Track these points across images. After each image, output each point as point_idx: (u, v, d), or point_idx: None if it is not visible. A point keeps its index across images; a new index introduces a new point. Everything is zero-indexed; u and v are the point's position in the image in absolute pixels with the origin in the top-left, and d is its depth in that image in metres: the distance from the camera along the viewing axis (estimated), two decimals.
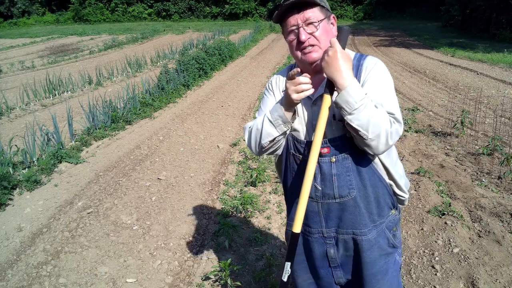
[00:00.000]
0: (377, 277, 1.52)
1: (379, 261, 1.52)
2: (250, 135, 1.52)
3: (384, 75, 1.41)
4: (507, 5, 17.55)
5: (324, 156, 1.44)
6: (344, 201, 1.46)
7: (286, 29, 1.43)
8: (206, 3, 36.21)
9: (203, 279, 2.81)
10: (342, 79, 1.28)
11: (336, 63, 1.29)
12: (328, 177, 1.45)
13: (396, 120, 1.32)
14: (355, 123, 1.27)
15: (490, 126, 5.89)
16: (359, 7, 33.68)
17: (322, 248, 1.56)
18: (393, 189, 1.53)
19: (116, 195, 4.06)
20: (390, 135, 1.29)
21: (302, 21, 1.38)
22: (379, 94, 1.35)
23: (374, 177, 1.46)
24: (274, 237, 3.36)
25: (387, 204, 1.53)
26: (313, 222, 1.54)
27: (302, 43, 1.39)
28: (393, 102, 1.37)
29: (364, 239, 1.49)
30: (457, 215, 3.37)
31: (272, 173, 4.59)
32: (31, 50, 18.69)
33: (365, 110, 1.26)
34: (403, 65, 12.16)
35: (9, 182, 4.03)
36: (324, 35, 1.40)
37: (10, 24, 36.09)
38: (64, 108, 7.23)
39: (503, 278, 2.66)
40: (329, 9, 1.45)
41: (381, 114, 1.28)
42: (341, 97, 1.28)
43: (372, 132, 1.27)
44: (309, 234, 1.57)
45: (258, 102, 7.85)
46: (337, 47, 1.30)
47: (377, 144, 1.30)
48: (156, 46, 17.02)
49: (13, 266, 2.97)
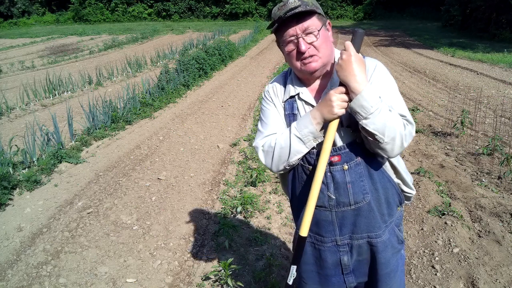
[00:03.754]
0: (390, 275, 1.53)
1: (392, 259, 1.52)
2: (271, 154, 1.44)
3: (387, 77, 1.40)
4: (507, 5, 17.54)
5: (335, 165, 1.41)
6: (359, 206, 1.44)
7: (285, 39, 1.39)
8: (206, 3, 36.18)
9: (203, 279, 2.81)
10: (357, 83, 1.26)
11: (350, 67, 1.27)
12: (342, 186, 1.42)
13: (408, 122, 1.33)
14: (371, 127, 1.25)
15: (490, 126, 5.89)
16: (359, 7, 33.67)
17: (335, 256, 1.53)
18: (400, 187, 1.54)
19: (116, 195, 4.06)
20: (404, 137, 1.30)
21: (301, 31, 1.36)
22: (388, 97, 1.34)
23: (384, 179, 1.46)
24: (274, 237, 3.36)
25: (396, 203, 1.54)
26: (326, 231, 1.50)
27: (302, 53, 1.36)
28: (402, 104, 1.37)
29: (379, 241, 1.48)
30: (457, 215, 3.37)
31: (272, 173, 4.59)
32: (31, 50, 18.68)
33: (380, 114, 1.25)
34: (403, 65, 12.16)
35: (9, 182, 4.03)
36: (324, 44, 1.38)
37: (10, 24, 36.08)
38: (64, 108, 7.23)
39: (503, 278, 2.66)
40: (324, 16, 1.43)
41: (395, 118, 1.28)
42: (356, 102, 1.26)
43: (388, 136, 1.26)
44: (321, 244, 1.53)
45: (258, 102, 7.85)
46: (351, 50, 1.29)
47: (393, 147, 1.29)
48: (156, 46, 17.01)
49: (13, 266, 2.97)
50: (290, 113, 1.49)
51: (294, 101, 1.49)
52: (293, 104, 1.49)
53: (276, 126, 1.50)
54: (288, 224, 3.58)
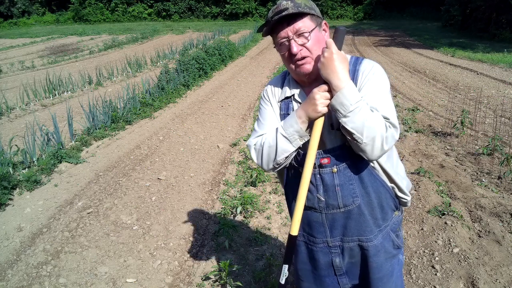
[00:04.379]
0: (383, 280, 1.52)
1: (385, 264, 1.51)
2: (260, 153, 1.45)
3: (380, 79, 1.38)
4: (507, 5, 17.55)
5: (324, 167, 1.41)
6: (349, 209, 1.44)
7: (277, 41, 1.39)
8: (206, 3, 36.19)
9: (203, 279, 2.81)
10: (338, 80, 1.26)
11: (332, 64, 1.27)
12: (331, 188, 1.42)
13: (392, 125, 1.29)
14: (350, 125, 1.25)
15: (490, 126, 5.89)
16: (359, 7, 33.67)
17: (327, 257, 1.54)
18: (395, 192, 1.52)
19: (116, 195, 4.06)
20: (385, 139, 1.26)
21: (293, 32, 1.35)
22: (374, 98, 1.32)
23: (376, 183, 1.45)
24: (274, 237, 3.36)
25: (391, 208, 1.52)
26: (318, 232, 1.51)
27: (294, 55, 1.36)
28: (389, 106, 1.33)
29: (371, 245, 1.47)
30: (457, 215, 3.37)
31: (272, 173, 4.59)
32: (31, 50, 18.69)
33: (360, 113, 1.23)
34: (403, 65, 12.16)
35: (9, 182, 4.03)
36: (316, 45, 1.37)
37: (10, 24, 36.09)
38: (64, 108, 7.23)
39: (503, 278, 2.66)
40: (320, 16, 1.41)
41: (377, 118, 1.26)
42: (336, 99, 1.26)
43: (366, 136, 1.24)
44: (313, 244, 1.54)
45: (258, 102, 7.85)
46: (333, 48, 1.28)
47: (372, 149, 1.27)
48: (156, 46, 17.02)
49: (13, 266, 2.97)
50: (285, 113, 1.49)
51: (290, 102, 1.50)
52: (289, 105, 1.50)
53: (271, 126, 1.49)
54: (288, 224, 3.58)
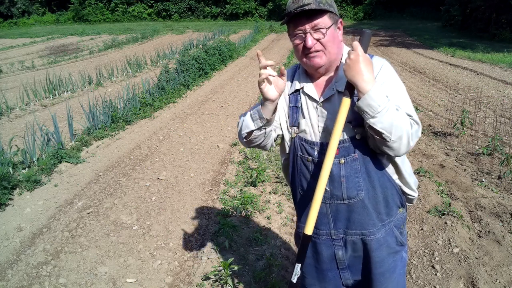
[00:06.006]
0: (385, 275, 1.53)
1: (387, 259, 1.53)
2: (238, 126, 1.56)
3: (394, 77, 1.42)
4: (507, 5, 17.55)
5: None
6: (352, 202, 1.46)
7: (293, 32, 1.42)
8: (206, 3, 36.19)
9: (203, 279, 2.81)
10: (364, 82, 1.27)
11: (358, 66, 1.28)
12: (337, 179, 1.45)
13: (415, 122, 1.34)
14: (379, 126, 1.27)
15: (490, 126, 5.89)
16: (359, 7, 33.64)
17: (330, 250, 1.56)
18: (402, 189, 1.55)
19: (116, 195, 4.06)
20: (411, 136, 1.31)
21: (310, 27, 1.37)
22: (396, 97, 1.36)
23: (383, 178, 1.47)
24: (274, 237, 3.36)
25: (396, 204, 1.54)
26: (321, 224, 1.53)
27: (308, 48, 1.38)
28: (409, 104, 1.39)
29: (373, 239, 1.49)
30: (457, 215, 3.37)
31: (272, 173, 4.59)
32: (31, 50, 18.68)
33: (387, 113, 1.26)
34: (403, 65, 12.16)
35: (9, 182, 4.03)
36: (331, 42, 1.40)
37: (10, 24, 36.08)
38: (64, 108, 7.23)
39: (503, 278, 2.66)
40: (337, 14, 1.44)
41: (402, 117, 1.29)
42: (364, 101, 1.27)
43: (395, 135, 1.28)
44: (317, 236, 1.56)
45: (258, 102, 7.84)
46: (359, 50, 1.30)
47: (399, 146, 1.31)
48: (156, 46, 17.01)
49: (13, 266, 2.97)
50: (294, 106, 1.54)
51: (298, 95, 1.53)
52: (297, 98, 1.53)
53: None
54: (288, 224, 3.58)
